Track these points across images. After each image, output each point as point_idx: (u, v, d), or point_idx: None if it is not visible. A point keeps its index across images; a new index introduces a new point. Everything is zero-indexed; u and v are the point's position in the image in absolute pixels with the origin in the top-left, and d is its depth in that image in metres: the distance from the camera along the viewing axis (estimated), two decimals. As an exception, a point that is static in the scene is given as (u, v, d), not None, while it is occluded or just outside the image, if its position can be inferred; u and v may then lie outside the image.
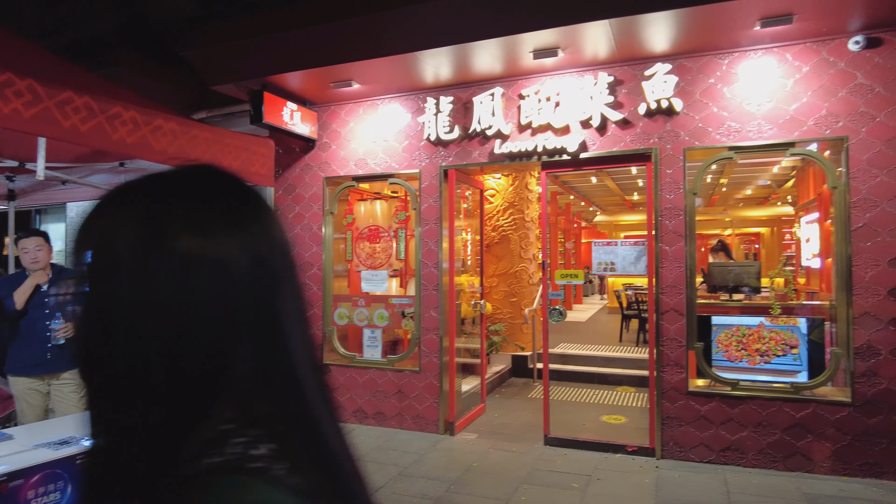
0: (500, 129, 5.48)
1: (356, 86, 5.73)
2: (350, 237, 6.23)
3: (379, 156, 6.04)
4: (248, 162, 4.05)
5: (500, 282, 8.29)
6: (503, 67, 5.35)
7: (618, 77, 5.15)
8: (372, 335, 6.01)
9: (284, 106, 5.82)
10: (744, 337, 4.85)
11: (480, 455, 5.04)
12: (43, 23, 6.94)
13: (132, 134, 3.18)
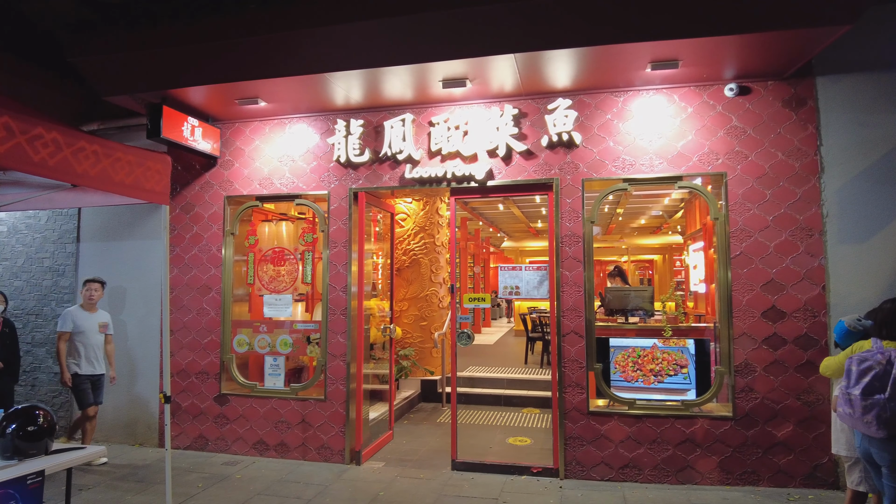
0: (410, 154, 5.52)
1: (262, 104, 5.57)
2: (252, 259, 5.98)
3: (285, 176, 5.88)
4: (143, 178, 3.79)
5: (410, 305, 8.27)
6: (414, 94, 5.42)
7: (522, 109, 5.37)
8: (274, 363, 5.75)
9: (185, 121, 5.54)
10: (639, 358, 5.12)
11: (387, 484, 4.93)
12: None
13: (4, 143, 2.89)
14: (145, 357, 6.19)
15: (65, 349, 5.38)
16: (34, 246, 6.79)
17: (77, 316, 5.48)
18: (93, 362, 5.50)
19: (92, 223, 6.58)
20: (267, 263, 5.96)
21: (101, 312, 5.68)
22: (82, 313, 5.53)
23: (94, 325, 5.55)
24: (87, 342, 5.47)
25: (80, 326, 5.45)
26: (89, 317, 5.55)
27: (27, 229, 6.83)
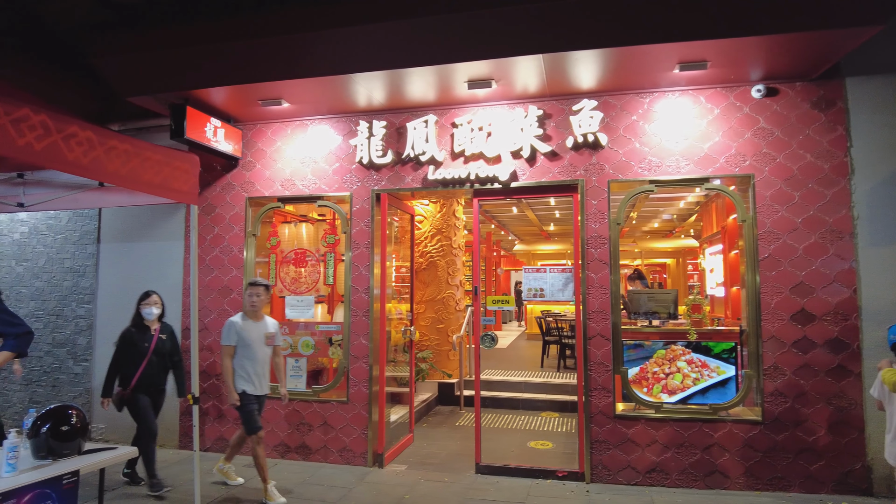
0: (433, 155, 5.49)
1: (285, 105, 5.56)
2: (274, 261, 5.97)
3: (307, 177, 5.87)
4: (171, 178, 3.78)
5: (426, 308, 8.23)
6: (437, 95, 5.40)
7: (546, 110, 5.34)
8: (296, 364, 5.73)
9: (208, 122, 5.54)
10: (664, 361, 5.06)
11: (410, 487, 4.88)
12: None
13: (41, 140, 2.89)
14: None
15: (231, 366, 4.60)
16: (55, 247, 6.80)
17: (242, 327, 4.65)
18: (261, 380, 4.71)
19: (112, 224, 6.59)
20: (288, 265, 5.95)
21: (267, 321, 4.83)
22: (247, 323, 4.68)
23: (261, 335, 4.72)
24: (254, 356, 4.65)
25: (245, 339, 4.62)
26: (255, 327, 4.70)
27: (48, 230, 6.85)
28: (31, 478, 2.77)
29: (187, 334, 6.07)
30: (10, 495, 2.63)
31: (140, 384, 4.85)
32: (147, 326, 4.96)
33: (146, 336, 4.94)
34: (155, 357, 4.92)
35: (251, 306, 4.69)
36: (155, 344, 4.93)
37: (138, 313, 4.96)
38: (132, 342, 4.90)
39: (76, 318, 6.60)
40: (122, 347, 4.90)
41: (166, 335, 5.07)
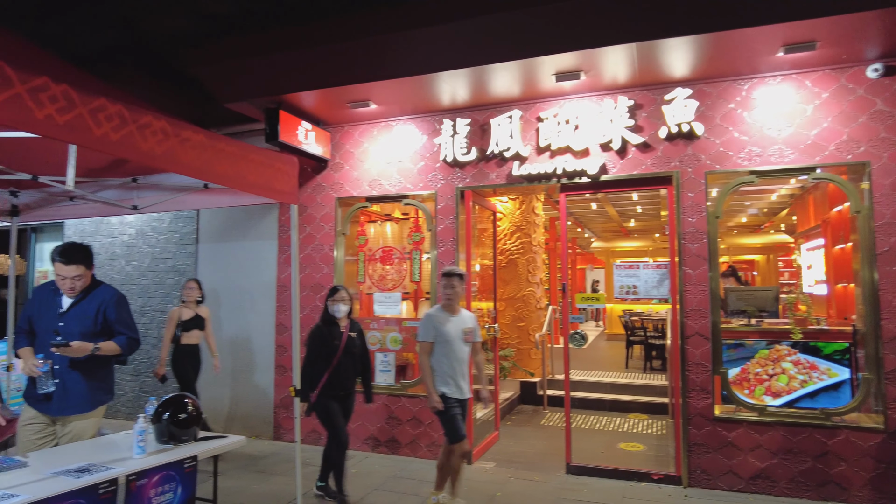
0: (518, 151, 5.44)
1: (372, 106, 5.68)
2: (362, 258, 6.11)
3: (393, 177, 5.97)
4: (273, 179, 3.93)
5: (507, 306, 8.18)
6: (521, 90, 5.34)
7: (637, 101, 5.16)
8: (385, 359, 5.84)
9: (299, 125, 5.74)
10: (768, 362, 4.77)
11: (501, 485, 4.86)
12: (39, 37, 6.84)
13: (161, 144, 3.06)
14: (261, 352, 6.46)
15: (430, 365, 4.17)
16: (158, 247, 7.27)
17: (439, 320, 4.19)
18: (462, 381, 4.19)
19: (209, 226, 6.96)
20: (376, 262, 6.07)
21: (464, 314, 4.32)
22: (444, 316, 4.21)
23: (459, 331, 4.21)
24: (453, 354, 4.14)
25: (444, 334, 4.14)
26: (452, 321, 4.20)
27: (152, 231, 7.33)
28: (158, 460, 2.96)
29: (280, 329, 6.33)
30: (143, 475, 2.82)
31: (328, 387, 4.40)
32: (336, 323, 4.52)
33: (335, 333, 4.49)
34: (345, 357, 4.46)
35: (447, 299, 4.21)
36: (345, 342, 4.48)
37: (326, 310, 4.56)
38: (322, 340, 4.45)
39: (179, 313, 7.02)
40: (313, 345, 4.47)
41: (356, 333, 4.63)
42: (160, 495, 2.94)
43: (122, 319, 3.47)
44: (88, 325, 3.34)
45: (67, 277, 3.30)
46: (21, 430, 3.41)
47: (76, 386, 3.31)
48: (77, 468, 2.77)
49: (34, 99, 2.42)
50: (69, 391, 3.29)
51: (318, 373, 4.39)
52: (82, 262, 3.35)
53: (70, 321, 3.33)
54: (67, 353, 3.19)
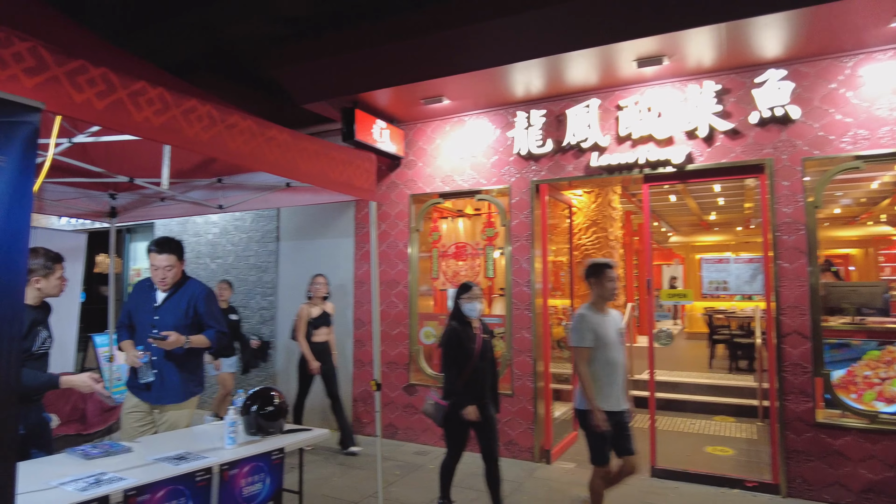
0: (596, 141, 5.26)
1: (446, 102, 5.65)
2: (436, 255, 6.11)
3: (466, 172, 5.92)
4: (353, 176, 3.97)
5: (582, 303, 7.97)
6: (599, 78, 5.15)
7: (725, 85, 4.86)
8: (460, 356, 5.80)
9: (374, 123, 5.80)
10: (880, 363, 4.37)
11: (584, 486, 4.71)
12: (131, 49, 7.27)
13: (248, 143, 3.14)
14: (339, 346, 6.57)
15: (589, 374, 3.51)
16: (241, 245, 7.57)
17: (595, 321, 3.57)
18: (620, 391, 3.60)
19: (289, 224, 7.17)
20: (449, 258, 6.05)
21: (613, 313, 3.74)
22: (597, 316, 3.60)
23: (615, 332, 3.65)
24: (613, 360, 3.56)
25: (603, 337, 3.54)
26: (607, 321, 3.62)
27: (235, 230, 7.64)
28: (248, 450, 3.05)
29: (358, 324, 6.43)
30: (235, 465, 2.91)
31: (465, 394, 3.87)
32: (469, 324, 3.97)
33: (470, 335, 3.93)
34: (480, 362, 3.91)
35: (612, 292, 3.62)
36: (481, 346, 3.93)
37: (457, 307, 4.01)
38: (459, 342, 3.87)
39: (260, 309, 7.28)
40: (451, 348, 3.90)
41: (489, 336, 4.10)
42: (250, 485, 3.03)
43: (212, 313, 3.60)
44: (180, 318, 3.49)
45: (160, 267, 3.46)
46: (124, 416, 3.62)
47: (171, 377, 3.47)
48: (175, 455, 2.90)
49: (133, 102, 2.52)
50: (165, 381, 3.46)
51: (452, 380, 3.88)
52: (174, 252, 3.51)
53: (164, 314, 3.51)
54: (163, 346, 3.36)
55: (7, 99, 1.94)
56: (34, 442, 3.19)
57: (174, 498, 2.62)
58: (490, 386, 4.04)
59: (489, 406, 3.99)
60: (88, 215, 5.65)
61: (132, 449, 3.02)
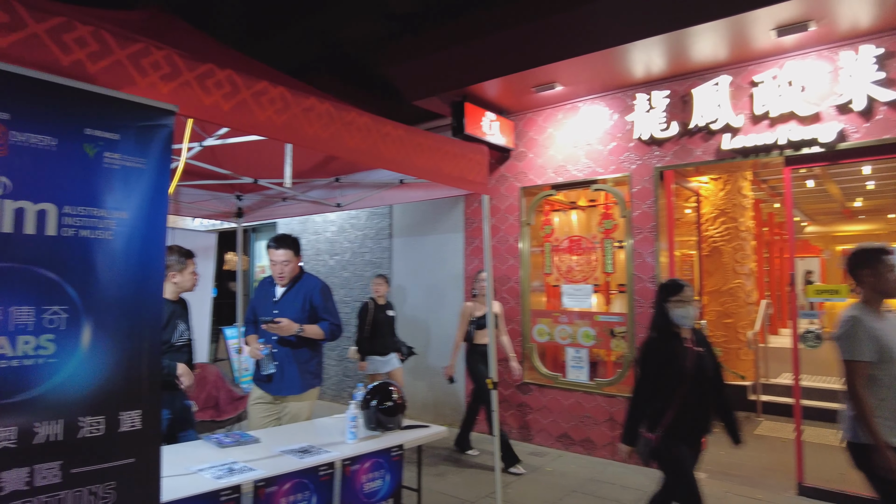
0: (728, 121, 4.78)
1: (559, 88, 5.41)
2: (548, 249, 5.89)
3: (581, 161, 5.64)
4: (466, 170, 3.88)
5: (710, 300, 7.36)
6: (730, 52, 4.68)
7: (888, 48, 4.21)
8: (576, 355, 5.56)
9: (483, 116, 5.69)
10: None
11: (718, 499, 4.31)
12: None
13: (365, 140, 3.15)
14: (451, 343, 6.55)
15: (867, 397, 2.63)
16: (357, 242, 7.79)
17: (876, 328, 2.67)
18: None
19: (401, 221, 7.26)
20: (563, 253, 5.81)
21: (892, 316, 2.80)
22: (876, 322, 2.69)
23: None
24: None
25: (889, 349, 2.64)
26: (887, 327, 2.71)
27: (351, 228, 7.87)
28: (369, 446, 3.05)
29: (469, 321, 6.37)
30: (356, 460, 2.92)
31: (675, 427, 2.99)
32: (678, 335, 3.08)
33: (679, 350, 3.04)
34: (696, 384, 3.00)
35: (882, 289, 2.75)
36: (694, 363, 3.01)
37: (662, 313, 3.11)
38: (663, 359, 3.04)
39: (375, 305, 7.45)
40: (649, 367, 3.09)
41: (705, 349, 3.14)
42: (371, 481, 3.03)
43: (327, 307, 3.73)
44: (298, 311, 3.63)
45: (278, 262, 3.62)
46: (251, 407, 3.81)
47: (290, 369, 3.61)
48: (299, 448, 2.96)
49: (257, 102, 2.58)
50: (284, 373, 3.60)
51: (663, 405, 3.01)
52: (290, 248, 3.67)
53: (282, 308, 3.65)
54: (275, 331, 3.51)
55: (146, 104, 2.04)
56: (180, 426, 3.44)
57: (299, 491, 2.66)
58: (722, 413, 3.15)
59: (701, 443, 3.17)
60: (218, 216, 6.05)
61: (260, 440, 3.13)
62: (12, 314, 1.69)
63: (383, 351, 5.67)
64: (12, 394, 1.68)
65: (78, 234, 1.83)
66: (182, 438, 3.39)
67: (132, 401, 1.92)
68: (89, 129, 1.87)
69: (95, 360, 1.85)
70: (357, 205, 5.17)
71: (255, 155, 4.36)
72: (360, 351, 5.72)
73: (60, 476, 1.76)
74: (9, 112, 1.72)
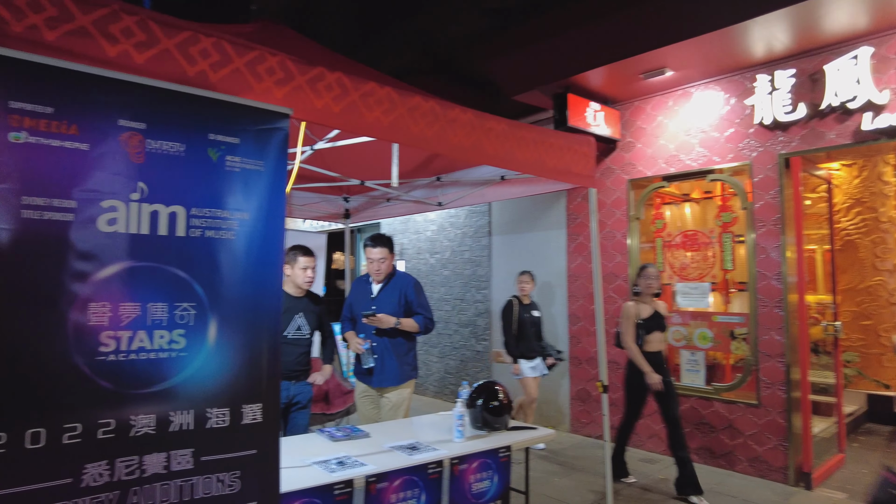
0: (870, 98, 4.26)
1: (669, 73, 5.09)
2: (660, 245, 5.56)
3: (694, 150, 5.27)
4: (571, 163, 3.74)
5: (844, 299, 6.65)
6: (871, 20, 4.16)
7: None
8: (692, 358, 5.21)
9: (587, 107, 5.48)
10: None
11: (862, 523, 3.86)
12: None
13: (469, 136, 3.11)
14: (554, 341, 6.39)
15: None
16: (456, 240, 7.82)
17: None
18: None
19: (500, 218, 7.19)
20: (676, 249, 5.46)
21: None
22: None
23: None
24: None
25: None
26: None
27: (451, 227, 7.91)
28: (477, 446, 3.01)
29: (573, 320, 6.18)
30: (464, 460, 2.89)
31: None
32: None
33: None
34: None
35: None
36: None
37: None
38: None
39: (475, 302, 7.44)
40: None
41: None
42: (479, 481, 2.99)
43: (420, 302, 3.87)
44: (394, 306, 3.78)
45: (375, 260, 3.79)
46: (358, 401, 3.99)
47: (390, 361, 3.76)
48: (408, 445, 2.98)
49: (365, 104, 2.62)
50: (385, 365, 3.76)
51: None
52: (385, 246, 3.82)
53: (379, 303, 3.81)
54: (374, 323, 3.66)
55: (264, 108, 2.12)
56: (295, 405, 3.65)
57: (409, 488, 2.67)
58: None
59: None
60: (327, 217, 6.31)
61: (370, 435, 3.19)
62: (149, 310, 1.81)
63: (529, 354, 5.43)
64: (151, 384, 1.80)
65: (204, 234, 1.93)
66: (294, 419, 3.61)
67: (253, 394, 2.00)
68: (213, 135, 1.97)
69: (220, 355, 1.94)
70: (458, 203, 5.17)
71: (361, 157, 4.47)
72: (509, 353, 5.44)
73: (192, 463, 1.87)
74: (145, 122, 1.84)
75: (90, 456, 1.69)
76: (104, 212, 1.75)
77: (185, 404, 1.86)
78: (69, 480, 1.65)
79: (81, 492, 1.67)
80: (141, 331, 1.79)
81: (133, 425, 1.76)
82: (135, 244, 1.80)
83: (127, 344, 1.76)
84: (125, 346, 1.76)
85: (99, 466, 1.70)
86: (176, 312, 1.86)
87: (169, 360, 1.84)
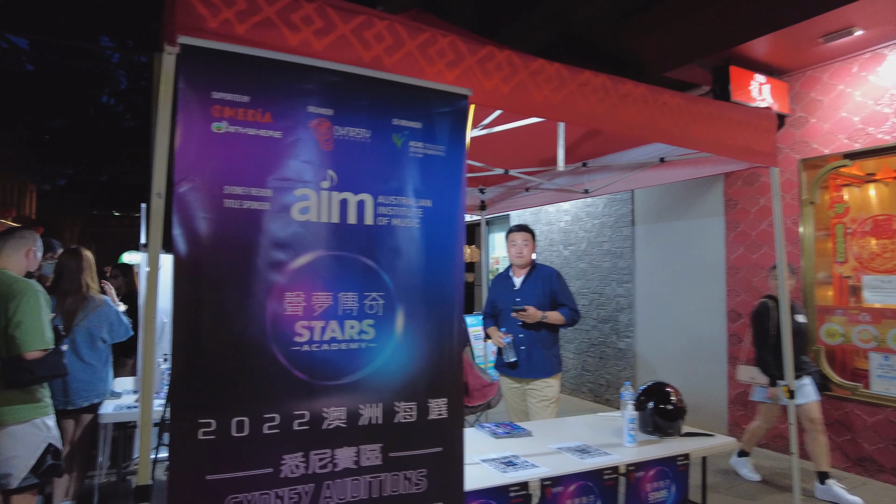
0: None
1: (857, 33, 4.40)
2: (841, 232, 4.87)
3: (889, 121, 4.54)
4: (750, 139, 3.31)
5: None
6: None
7: None
8: (885, 362, 4.51)
9: (751, 79, 4.93)
10: None
11: None
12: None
13: (641, 112, 2.85)
14: (710, 341, 5.87)
15: None
16: (593, 231, 7.45)
17: None
18: None
19: (644, 206, 6.73)
20: (863, 237, 4.75)
21: None
22: None
23: None
24: None
25: None
26: None
27: (587, 217, 7.56)
28: (652, 452, 2.77)
29: (733, 317, 5.62)
30: (641, 466, 2.65)
31: None
32: None
33: None
34: None
35: None
36: None
37: None
38: None
39: (616, 296, 7.04)
40: None
41: None
42: (656, 490, 2.73)
43: (565, 292, 3.81)
44: (539, 297, 3.74)
45: (518, 243, 3.84)
46: (506, 394, 3.91)
47: (537, 354, 3.71)
48: (576, 447, 2.79)
49: (534, 82, 2.47)
50: (533, 358, 3.72)
51: None
52: (528, 231, 3.91)
53: (523, 296, 3.76)
54: (522, 317, 3.62)
55: (444, 90, 2.02)
56: None
57: (584, 494, 2.49)
58: None
59: None
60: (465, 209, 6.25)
61: (532, 433, 3.04)
62: (340, 300, 1.77)
63: (796, 373, 3.86)
64: (342, 375, 1.77)
65: (390, 222, 1.87)
66: None
67: (438, 389, 1.92)
68: (396, 120, 1.90)
69: (407, 346, 1.87)
70: (606, 189, 4.86)
71: (502, 147, 4.33)
72: (765, 372, 4.21)
73: (381, 458, 1.81)
74: (332, 108, 1.81)
75: (287, 447, 1.68)
76: (297, 200, 1.73)
77: (374, 397, 1.81)
78: (270, 470, 1.65)
79: (281, 482, 1.66)
80: (333, 321, 1.76)
81: (325, 417, 1.74)
82: (326, 233, 1.77)
83: (320, 334, 1.74)
84: (318, 336, 1.74)
85: (295, 458, 1.69)
86: (365, 302, 1.81)
87: (359, 351, 1.79)
